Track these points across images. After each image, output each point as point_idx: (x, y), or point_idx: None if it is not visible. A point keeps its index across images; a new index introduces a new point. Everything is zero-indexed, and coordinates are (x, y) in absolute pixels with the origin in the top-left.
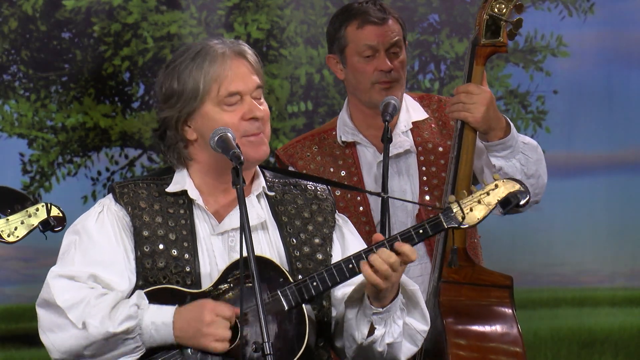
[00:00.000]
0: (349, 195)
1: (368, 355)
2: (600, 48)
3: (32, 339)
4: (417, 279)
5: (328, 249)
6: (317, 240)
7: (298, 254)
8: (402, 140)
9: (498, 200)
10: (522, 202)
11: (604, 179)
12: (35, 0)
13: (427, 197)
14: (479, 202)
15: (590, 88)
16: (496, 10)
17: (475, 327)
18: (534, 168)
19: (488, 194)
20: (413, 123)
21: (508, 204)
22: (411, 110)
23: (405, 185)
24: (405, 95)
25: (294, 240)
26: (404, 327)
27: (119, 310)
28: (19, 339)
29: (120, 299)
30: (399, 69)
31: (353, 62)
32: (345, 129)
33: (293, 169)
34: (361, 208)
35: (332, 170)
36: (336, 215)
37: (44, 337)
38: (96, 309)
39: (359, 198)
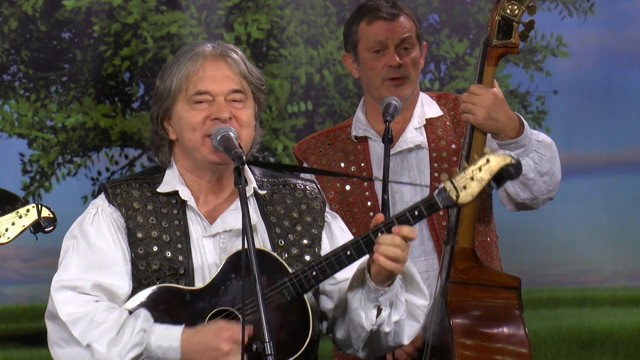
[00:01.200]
0: (357, 190)
1: (374, 341)
2: (600, 48)
3: (32, 339)
4: (422, 274)
5: (316, 250)
6: (305, 242)
7: (286, 255)
8: (414, 135)
9: (491, 175)
10: (514, 176)
11: (604, 179)
12: (35, 0)
13: None
14: (472, 178)
15: (590, 88)
16: (508, 11)
17: (482, 328)
18: (547, 166)
19: (480, 169)
20: (427, 120)
21: (501, 179)
22: (426, 107)
23: (416, 180)
24: (421, 93)
25: (282, 242)
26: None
27: (124, 335)
28: (19, 339)
29: (126, 318)
30: (409, 65)
31: (364, 58)
32: (358, 124)
33: (306, 165)
34: (369, 203)
35: (342, 165)
36: (326, 213)
37: (52, 351)
38: (101, 329)
39: (367, 193)
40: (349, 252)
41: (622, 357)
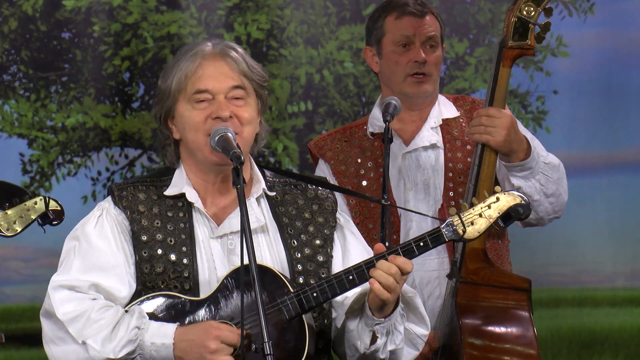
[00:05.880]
0: (374, 186)
1: None
2: (600, 48)
3: (32, 339)
4: (432, 272)
5: (329, 250)
6: (317, 242)
7: (299, 255)
8: (430, 134)
9: (499, 213)
10: (522, 217)
11: (604, 179)
12: (35, 0)
13: (451, 193)
14: (480, 215)
15: (590, 88)
16: (525, 12)
17: (491, 328)
18: (553, 187)
19: (489, 207)
20: (443, 120)
21: (509, 218)
22: (443, 108)
23: (430, 179)
24: (439, 94)
25: (295, 242)
26: (405, 332)
27: (119, 331)
28: (19, 339)
29: (121, 316)
30: (433, 64)
31: (388, 52)
32: (374, 121)
33: (322, 161)
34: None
35: (359, 160)
36: (337, 215)
37: (47, 348)
38: (96, 326)
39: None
40: (351, 277)
41: (622, 357)
